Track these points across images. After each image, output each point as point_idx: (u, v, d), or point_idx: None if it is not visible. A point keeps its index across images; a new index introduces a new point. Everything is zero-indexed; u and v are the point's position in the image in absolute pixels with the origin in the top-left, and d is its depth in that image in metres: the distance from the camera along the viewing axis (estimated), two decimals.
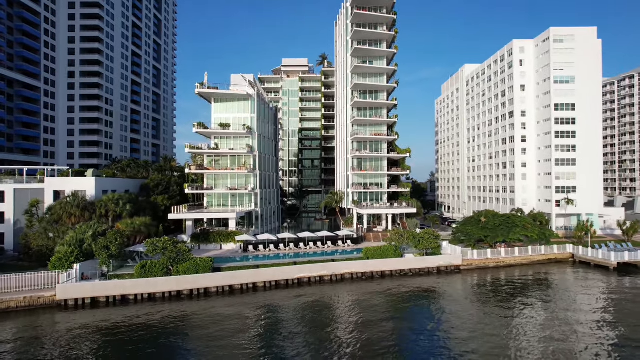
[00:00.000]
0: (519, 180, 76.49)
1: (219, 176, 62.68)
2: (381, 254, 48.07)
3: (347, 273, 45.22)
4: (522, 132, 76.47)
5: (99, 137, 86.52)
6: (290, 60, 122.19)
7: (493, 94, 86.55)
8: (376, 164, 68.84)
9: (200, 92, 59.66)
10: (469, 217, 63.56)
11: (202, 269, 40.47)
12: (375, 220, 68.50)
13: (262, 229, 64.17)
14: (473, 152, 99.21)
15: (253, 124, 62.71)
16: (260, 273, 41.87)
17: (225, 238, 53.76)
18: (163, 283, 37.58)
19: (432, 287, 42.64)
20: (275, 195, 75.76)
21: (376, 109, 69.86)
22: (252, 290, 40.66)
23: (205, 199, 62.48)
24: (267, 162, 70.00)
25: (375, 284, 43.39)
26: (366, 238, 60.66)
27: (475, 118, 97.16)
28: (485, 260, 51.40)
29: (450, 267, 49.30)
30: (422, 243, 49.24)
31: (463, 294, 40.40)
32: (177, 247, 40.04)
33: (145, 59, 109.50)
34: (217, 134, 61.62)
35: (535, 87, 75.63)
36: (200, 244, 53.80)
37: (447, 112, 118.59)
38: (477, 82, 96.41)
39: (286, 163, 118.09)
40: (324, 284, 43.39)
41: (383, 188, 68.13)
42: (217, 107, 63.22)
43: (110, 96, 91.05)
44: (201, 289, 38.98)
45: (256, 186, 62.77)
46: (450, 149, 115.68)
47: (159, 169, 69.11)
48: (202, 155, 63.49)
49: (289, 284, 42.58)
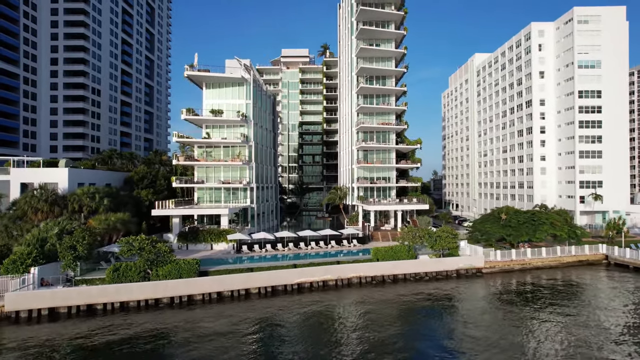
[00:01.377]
0: (538, 175, 70.63)
1: (210, 169, 56.81)
2: (393, 255, 42.24)
3: (354, 277, 39.37)
4: (540, 122, 70.62)
5: (84, 129, 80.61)
6: (290, 51, 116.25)
7: (507, 83, 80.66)
8: (384, 156, 62.96)
9: (189, 75, 53.79)
10: (487, 214, 57.68)
11: (186, 273, 34.65)
12: (382, 218, 62.66)
13: (259, 228, 58.33)
14: (484, 146, 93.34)
15: (248, 111, 56.84)
16: (254, 277, 36.02)
17: (216, 237, 47.91)
18: (138, 289, 31.72)
19: (453, 294, 36.76)
20: (273, 191, 69.90)
21: (383, 97, 63.96)
22: (245, 298, 34.80)
23: (196, 193, 56.59)
24: (265, 154, 64.14)
25: (387, 290, 37.53)
26: (373, 237, 54.83)
27: (487, 110, 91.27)
28: (509, 262, 45.55)
29: (471, 270, 43.46)
30: (438, 243, 43.38)
31: (488, 302, 34.47)
32: (156, 247, 34.19)
33: (137, 48, 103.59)
34: (208, 122, 55.74)
35: (556, 73, 69.73)
36: (188, 243, 47.98)
37: (455, 105, 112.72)
38: (488, 72, 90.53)
39: (285, 159, 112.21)
40: (328, 289, 37.53)
41: (391, 182, 62.25)
42: (209, 93, 57.35)
43: (97, 85, 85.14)
44: (184, 297, 33.12)
45: (252, 180, 56.89)
46: (459, 143, 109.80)
47: (147, 161, 63.27)
48: (192, 145, 57.64)
49: (287, 289, 36.73)
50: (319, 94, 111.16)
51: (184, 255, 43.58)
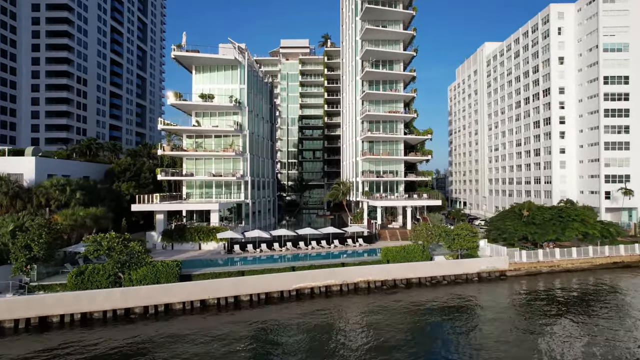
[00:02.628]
0: (557, 169, 65.25)
1: (200, 161, 51.50)
2: (405, 256, 36.95)
3: (362, 281, 34.06)
4: (560, 112, 65.25)
5: (69, 120, 75.27)
6: (290, 42, 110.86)
7: (522, 72, 75.28)
8: (391, 147, 57.59)
9: (177, 56, 48.46)
10: (505, 210, 52.37)
11: (165, 277, 29.39)
12: (389, 215, 57.30)
13: (254, 226, 53.02)
14: (495, 140, 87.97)
15: (242, 97, 51.51)
16: (245, 282, 30.72)
17: (205, 236, 42.57)
18: (103, 297, 26.39)
19: (477, 302, 31.51)
20: (270, 186, 64.55)
21: (390, 83, 58.61)
22: (233, 306, 29.49)
23: (184, 187, 51.28)
24: (261, 145, 58.79)
25: (400, 297, 32.22)
26: (381, 236, 49.50)
27: (499, 101, 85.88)
28: (536, 264, 40.20)
29: (494, 273, 38.14)
30: (457, 242, 38.04)
31: (517, 311, 29.08)
32: (128, 246, 28.87)
33: (128, 37, 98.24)
34: (198, 109, 50.43)
35: (577, 59, 64.35)
36: (173, 242, 42.66)
37: (463, 98, 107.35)
38: (500, 61, 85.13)
39: (285, 154, 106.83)
40: (331, 296, 32.22)
41: (399, 176, 56.88)
42: (199, 78, 52.04)
43: (84, 75, 79.82)
44: (160, 306, 27.80)
45: (246, 173, 51.55)
46: (467, 138, 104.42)
47: (133, 153, 57.94)
48: (181, 135, 52.32)
49: (284, 296, 31.41)
50: (319, 86, 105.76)
51: (168, 256, 38.29)
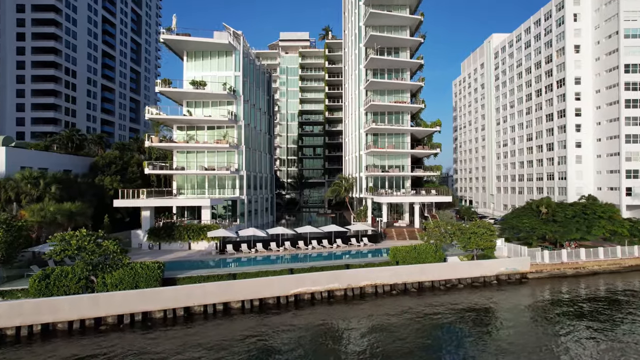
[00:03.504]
0: (572, 165, 61.46)
1: (192, 153, 47.80)
2: (416, 257, 33.19)
3: (369, 285, 30.30)
4: (575, 104, 61.45)
5: (56, 113, 71.53)
6: (289, 34, 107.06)
7: (533, 62, 71.49)
8: (397, 140, 53.83)
9: (166, 40, 44.77)
10: (520, 207, 48.62)
11: (145, 281, 25.65)
12: (394, 213, 53.59)
13: (250, 224, 49.30)
14: (504, 135, 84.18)
15: (237, 85, 47.77)
16: (236, 286, 26.93)
17: (195, 234, 38.78)
18: (70, 305, 22.63)
19: (498, 309, 27.75)
20: (268, 182, 60.80)
21: (396, 72, 54.85)
22: (222, 314, 25.73)
23: (175, 182, 47.55)
24: (258, 138, 55.04)
25: (412, 302, 28.47)
26: (387, 235, 45.75)
27: (507, 95, 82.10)
28: (560, 266, 36.44)
29: (514, 275, 34.38)
30: (473, 241, 34.25)
31: (544, 320, 25.27)
32: (101, 246, 25.10)
33: (121, 29, 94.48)
34: (189, 97, 46.74)
35: (594, 47, 60.56)
36: (160, 242, 38.91)
37: (469, 93, 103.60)
38: (509, 52, 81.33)
39: (284, 151, 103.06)
40: (335, 302, 28.45)
41: (406, 171, 53.13)
42: (191, 65, 48.34)
43: (72, 66, 76.06)
44: (137, 314, 24.05)
45: (241, 167, 47.82)
46: (473, 134, 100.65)
47: (121, 146, 54.17)
48: (170, 125, 48.57)
49: (280, 302, 27.65)
50: (320, 80, 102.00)
51: (154, 256, 34.59)
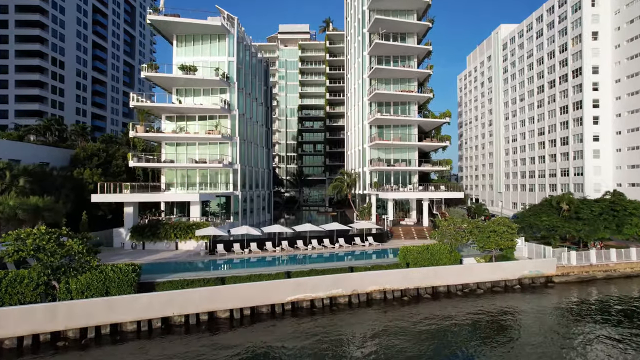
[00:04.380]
0: (589, 159, 57.67)
1: (182, 146, 44.13)
2: (429, 259, 29.45)
3: (376, 291, 26.56)
4: (593, 94, 57.67)
5: (42, 105, 67.87)
6: (288, 27, 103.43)
7: (546, 52, 67.72)
8: (403, 132, 50.11)
9: (153, 21, 41.05)
10: (537, 205, 44.83)
11: (117, 287, 21.95)
12: (400, 211, 49.89)
13: (246, 223, 45.64)
14: (513, 130, 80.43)
15: (231, 72, 44.06)
16: (224, 293, 23.18)
17: (182, 233, 35.10)
18: (19, 317, 18.89)
19: (524, 318, 23.93)
20: (265, 177, 57.07)
21: (402, 59, 51.13)
22: (207, 326, 21.99)
23: (163, 177, 43.84)
24: (254, 130, 51.31)
25: (426, 310, 24.74)
26: (393, 234, 42.05)
27: (517, 88, 78.33)
28: (588, 268, 32.68)
29: (539, 279, 30.64)
30: (492, 240, 30.50)
31: (577, 332, 21.51)
32: (64, 245, 21.37)
33: (114, 20, 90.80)
34: (178, 83, 43.04)
35: (614, 34, 56.77)
36: (144, 241, 35.25)
37: (475, 87, 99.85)
38: (519, 43, 77.55)
39: (283, 147, 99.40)
40: (338, 311, 24.71)
41: (413, 165, 49.39)
42: (181, 50, 44.68)
43: (60, 56, 72.39)
44: (105, 326, 20.32)
45: (235, 160, 44.10)
46: (480, 130, 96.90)
47: (107, 139, 50.49)
48: (159, 115, 44.86)
49: (275, 311, 23.90)
50: (321, 74, 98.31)
51: (135, 257, 30.93)
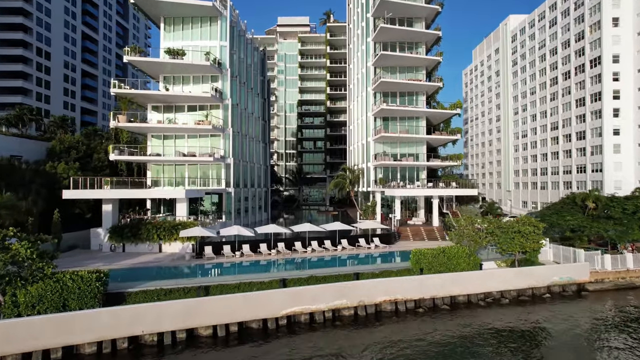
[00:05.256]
0: (609, 155, 53.85)
1: (170, 138, 40.37)
2: (446, 264, 25.60)
3: (387, 301, 22.79)
4: (613, 85, 53.87)
5: (25, 98, 63.99)
6: (288, 19, 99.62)
7: (560, 42, 63.89)
8: (410, 125, 46.31)
9: (137, 1, 37.25)
10: (558, 203, 41.10)
11: (77, 299, 18.23)
12: (406, 210, 46.09)
13: (241, 223, 41.90)
14: (523, 125, 76.62)
15: (224, 57, 40.27)
16: (207, 306, 19.38)
17: (167, 233, 31.31)
18: None
19: (560, 336, 20.12)
20: (262, 174, 53.28)
21: (409, 46, 47.32)
22: (185, 346, 18.21)
23: (150, 172, 40.07)
24: (249, 122, 47.52)
25: (446, 325, 20.98)
26: (401, 235, 38.23)
27: (527, 81, 74.51)
28: (625, 274, 28.85)
29: (570, 287, 26.84)
30: (516, 242, 26.71)
31: (621, 352, 17.76)
32: (8, 249, 17.61)
33: (105, 10, 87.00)
34: (165, 69, 39.30)
35: (636, 20, 52.96)
36: (125, 242, 31.46)
37: (482, 82, 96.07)
38: (530, 34, 73.72)
39: (282, 144, 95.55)
40: (342, 325, 20.92)
41: (421, 160, 45.59)
42: (169, 34, 40.95)
43: (46, 47, 68.60)
44: (56, 350, 16.54)
45: (228, 153, 40.31)
46: (487, 126, 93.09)
47: (91, 132, 46.76)
48: (144, 104, 41.09)
49: (268, 328, 20.11)
50: (321, 68, 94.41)
51: (111, 261, 27.21)
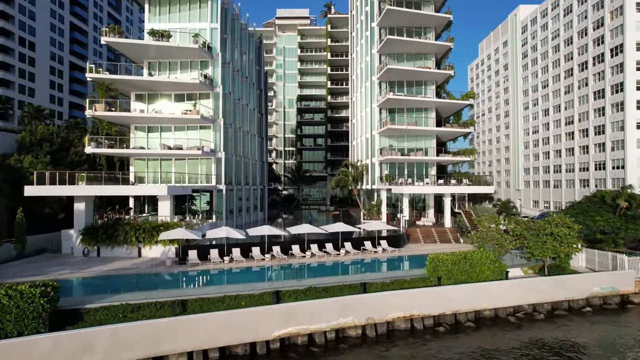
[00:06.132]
0: (632, 150, 50.00)
1: (155, 131, 36.68)
2: (468, 271, 21.73)
3: (401, 318, 18.95)
4: (637, 75, 49.97)
5: (6, 90, 60.22)
6: (287, 11, 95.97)
7: (575, 31, 60.03)
8: (419, 117, 42.48)
9: None
10: (583, 202, 37.19)
11: (15, 321, 14.60)
12: (413, 209, 42.27)
13: (234, 223, 38.13)
14: (534, 121, 72.75)
15: (214, 41, 36.52)
16: (180, 328, 15.54)
17: (147, 236, 27.55)
18: None
19: None
20: (258, 170, 49.53)
21: (417, 31, 43.49)
22: None
23: (133, 167, 36.33)
24: (243, 114, 43.76)
25: (470, 350, 17.10)
26: (411, 237, 34.42)
27: (539, 74, 70.64)
28: None
29: (612, 298, 22.95)
30: (549, 246, 22.89)
31: None
32: None
33: (96, 1, 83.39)
34: (148, 53, 35.73)
35: None
36: (99, 245, 27.72)
37: (488, 77, 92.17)
38: (542, 24, 69.85)
39: (281, 141, 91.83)
40: (349, 349, 17.09)
41: (430, 155, 41.77)
42: (154, 16, 37.54)
43: (30, 37, 64.95)
44: None
45: (218, 147, 36.53)
46: (494, 122, 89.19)
47: (72, 125, 43.03)
48: (127, 93, 37.38)
49: (257, 353, 16.28)
50: (322, 61, 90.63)
51: (83, 267, 23.56)
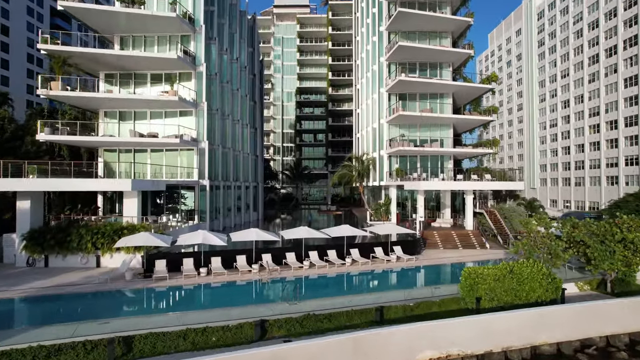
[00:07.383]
0: None
1: (127, 118, 31.27)
2: (515, 289, 16.20)
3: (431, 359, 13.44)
4: None
5: None
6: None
7: (602, 12, 54.64)
8: (433, 103, 37.13)
9: None
10: (627, 199, 31.88)
11: None
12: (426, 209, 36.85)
13: (219, 225, 32.77)
14: (551, 113, 67.35)
15: (197, 12, 31.15)
16: None
17: (108, 241, 22.19)
18: None
19: None
20: (250, 165, 44.17)
21: (431, 5, 38.12)
22: None
23: (101, 158, 30.99)
24: (234, 100, 38.37)
25: None
26: (427, 241, 29.07)
27: (558, 62, 65.23)
28: None
29: None
30: (617, 257, 17.57)
31: None
32: None
33: None
34: (119, 23, 30.07)
35: None
36: (48, 253, 22.38)
37: (499, 68, 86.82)
38: (561, 7, 64.46)
39: (279, 136, 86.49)
40: None
41: (447, 147, 36.40)
42: None
43: (4, 20, 59.60)
44: None
45: (201, 135, 31.14)
46: (506, 117, 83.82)
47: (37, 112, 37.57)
48: (91, 69, 31.96)
49: None
50: (322, 52, 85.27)
51: (20, 281, 18.20)
